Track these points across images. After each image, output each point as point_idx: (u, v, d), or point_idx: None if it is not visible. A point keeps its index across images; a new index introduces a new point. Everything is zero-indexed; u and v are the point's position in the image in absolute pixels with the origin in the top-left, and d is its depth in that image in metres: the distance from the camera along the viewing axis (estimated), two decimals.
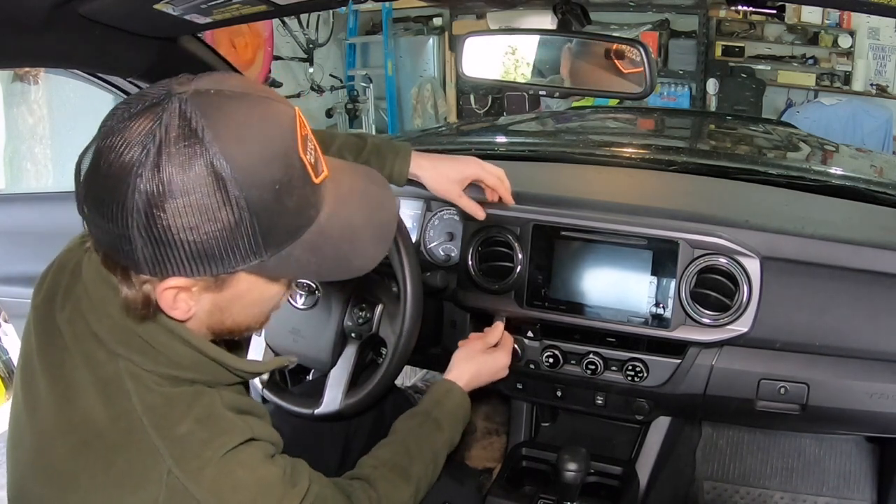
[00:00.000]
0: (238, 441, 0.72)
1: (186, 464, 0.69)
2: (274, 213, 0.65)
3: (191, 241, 0.63)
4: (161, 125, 0.61)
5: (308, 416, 1.19)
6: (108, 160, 0.62)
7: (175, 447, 0.69)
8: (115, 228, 0.63)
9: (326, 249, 0.71)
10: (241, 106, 0.65)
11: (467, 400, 1.14)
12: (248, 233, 0.64)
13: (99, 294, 0.71)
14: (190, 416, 0.70)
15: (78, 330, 0.73)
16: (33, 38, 0.93)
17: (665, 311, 1.19)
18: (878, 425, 1.26)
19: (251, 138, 0.64)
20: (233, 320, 0.74)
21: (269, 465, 0.74)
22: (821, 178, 1.55)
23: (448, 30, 5.79)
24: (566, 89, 1.29)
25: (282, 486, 0.75)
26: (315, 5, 1.81)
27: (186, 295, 0.68)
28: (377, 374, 1.17)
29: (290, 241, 0.68)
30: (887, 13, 0.95)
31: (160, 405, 0.70)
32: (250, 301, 0.72)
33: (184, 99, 0.63)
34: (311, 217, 0.69)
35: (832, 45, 5.08)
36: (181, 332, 0.71)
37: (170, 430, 0.69)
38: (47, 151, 3.32)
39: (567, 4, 1.16)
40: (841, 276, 1.17)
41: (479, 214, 1.23)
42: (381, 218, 0.78)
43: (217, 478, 0.70)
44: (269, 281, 0.72)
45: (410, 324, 1.14)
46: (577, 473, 1.15)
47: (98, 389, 0.71)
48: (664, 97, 5.24)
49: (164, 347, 0.71)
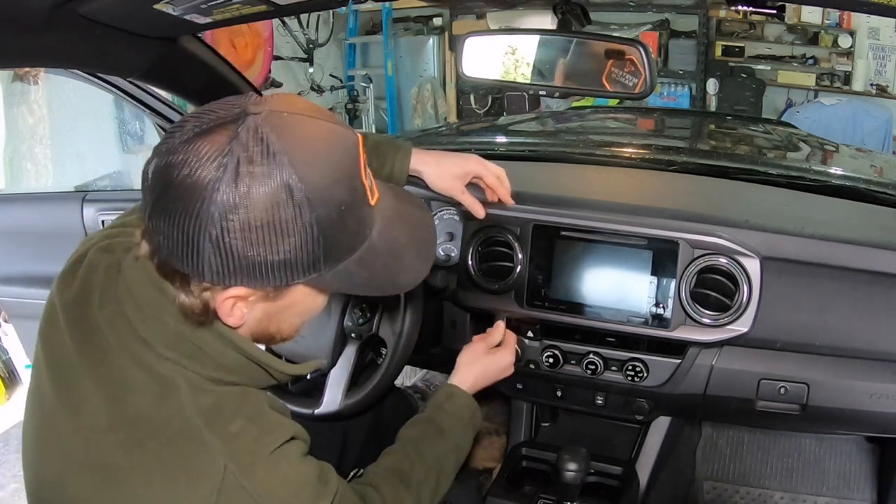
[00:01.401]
0: (284, 438, 0.76)
1: (241, 459, 0.72)
2: (337, 232, 0.69)
3: (259, 256, 0.66)
4: (238, 143, 0.64)
5: (308, 416, 1.20)
6: (183, 173, 0.64)
7: (230, 443, 0.72)
8: (185, 238, 0.66)
9: (377, 265, 0.75)
10: (313, 129, 0.69)
11: (473, 403, 1.14)
12: (313, 250, 0.68)
13: (150, 302, 0.73)
14: (241, 415, 0.74)
15: (121, 331, 0.74)
16: (33, 38, 0.93)
17: (665, 311, 1.20)
18: (878, 425, 1.26)
19: (323, 160, 0.68)
20: (277, 328, 0.78)
21: (308, 463, 0.79)
22: (821, 178, 1.55)
23: (448, 30, 5.79)
24: (566, 89, 1.29)
25: (318, 484, 0.79)
26: (315, 5, 1.81)
27: (243, 304, 0.72)
28: (377, 375, 1.17)
29: (346, 256, 0.72)
30: (887, 13, 0.94)
31: (212, 404, 0.73)
32: (298, 312, 0.77)
33: (259, 119, 0.66)
34: (365, 236, 0.74)
35: (832, 45, 5.07)
36: (234, 338, 0.74)
37: (223, 427, 0.73)
38: (47, 151, 3.32)
39: (567, 4, 1.16)
40: (841, 276, 1.17)
41: (479, 212, 1.23)
42: (422, 236, 0.84)
43: (267, 473, 0.73)
44: (319, 293, 0.76)
45: (410, 324, 1.14)
46: (577, 473, 1.15)
47: (150, 389, 0.73)
48: (664, 97, 5.24)
49: (216, 353, 0.74)
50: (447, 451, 1.06)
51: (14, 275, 1.78)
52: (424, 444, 1.05)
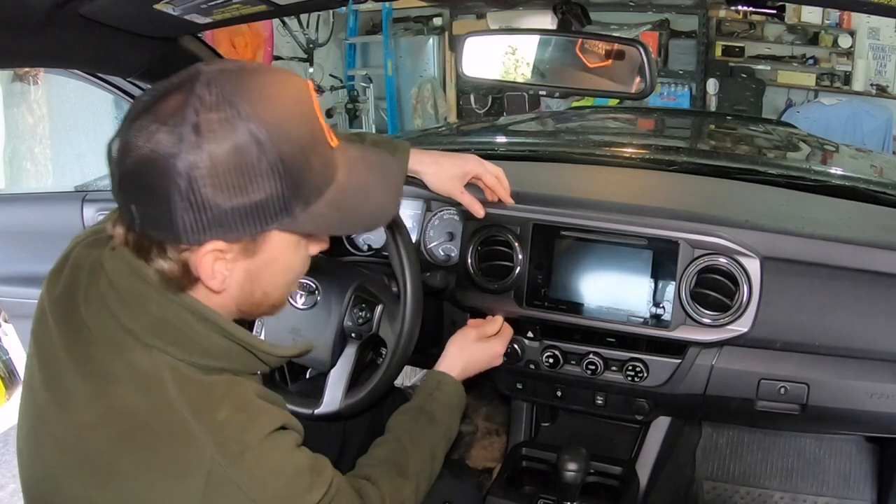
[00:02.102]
0: (274, 426, 0.75)
1: (227, 449, 0.71)
2: (303, 170, 0.70)
3: (230, 202, 0.67)
4: (194, 96, 0.66)
5: (308, 416, 1.19)
6: (144, 136, 0.66)
7: (216, 433, 0.71)
8: (154, 201, 0.66)
9: (347, 204, 0.75)
10: (265, 76, 0.71)
11: (461, 389, 1.15)
12: (281, 190, 0.69)
13: (130, 288, 0.73)
14: (227, 404, 0.73)
15: (106, 324, 0.74)
16: (33, 38, 0.93)
17: (665, 311, 1.19)
18: (878, 425, 1.26)
19: (277, 102, 0.70)
20: (263, 291, 0.77)
21: (301, 453, 0.78)
22: (821, 178, 1.55)
23: (448, 30, 5.79)
24: (566, 89, 1.29)
25: (311, 474, 0.78)
26: (315, 5, 1.81)
27: (223, 263, 0.71)
28: (377, 374, 1.17)
29: (315, 197, 0.72)
30: (887, 13, 0.95)
31: (198, 394, 0.73)
32: (280, 269, 0.76)
33: (211, 74, 0.67)
34: (331, 176, 0.75)
35: (832, 45, 5.08)
36: (218, 320, 0.74)
37: (209, 416, 0.72)
38: (47, 151, 3.32)
39: (567, 4, 1.16)
40: (841, 276, 1.17)
41: (479, 212, 1.23)
42: (387, 174, 0.84)
43: (257, 462, 0.72)
44: (296, 245, 0.76)
45: (410, 324, 1.14)
46: (577, 473, 1.15)
47: (136, 381, 0.72)
48: (664, 97, 5.24)
49: (200, 337, 0.73)
50: (439, 438, 1.08)
51: (14, 275, 1.78)
52: (418, 433, 1.05)
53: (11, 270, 1.79)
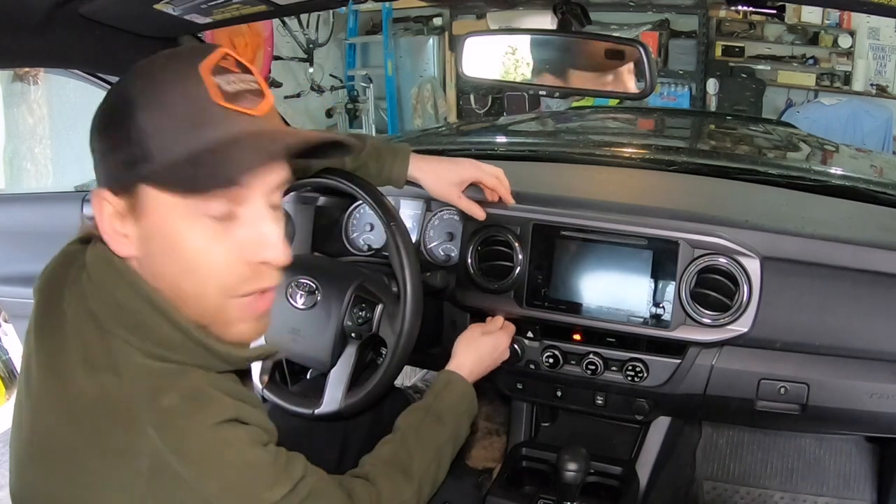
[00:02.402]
0: (223, 417, 0.71)
1: (169, 436, 0.69)
2: (161, 113, 0.69)
3: (105, 141, 0.71)
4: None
5: (308, 416, 1.19)
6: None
7: (158, 419, 0.69)
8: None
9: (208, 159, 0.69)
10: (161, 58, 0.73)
11: (471, 390, 1.14)
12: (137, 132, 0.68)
13: (100, 275, 0.74)
14: (174, 391, 0.70)
15: (79, 313, 0.74)
16: (33, 38, 0.93)
17: (665, 311, 1.19)
18: (878, 425, 1.26)
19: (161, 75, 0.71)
20: (170, 273, 0.72)
21: (257, 448, 0.74)
22: (821, 178, 1.55)
23: (448, 30, 5.79)
24: (566, 89, 1.29)
25: (272, 470, 0.74)
26: (315, 5, 1.81)
27: (118, 221, 0.71)
28: (377, 375, 1.17)
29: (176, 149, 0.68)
30: (887, 13, 0.95)
31: (148, 379, 0.70)
32: (170, 243, 0.71)
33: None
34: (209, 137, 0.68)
35: (832, 45, 5.08)
36: (169, 312, 0.72)
37: (154, 402, 0.69)
38: (47, 151, 3.32)
39: (567, 4, 1.16)
40: (841, 276, 1.17)
41: (479, 215, 1.24)
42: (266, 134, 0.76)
43: (201, 452, 0.70)
44: (189, 217, 0.70)
45: (410, 324, 1.14)
46: (577, 473, 1.15)
47: (87, 364, 0.72)
48: (664, 97, 5.24)
49: (154, 325, 0.72)
50: (446, 439, 1.05)
51: (14, 275, 1.78)
52: (424, 432, 1.03)
53: (11, 270, 1.79)
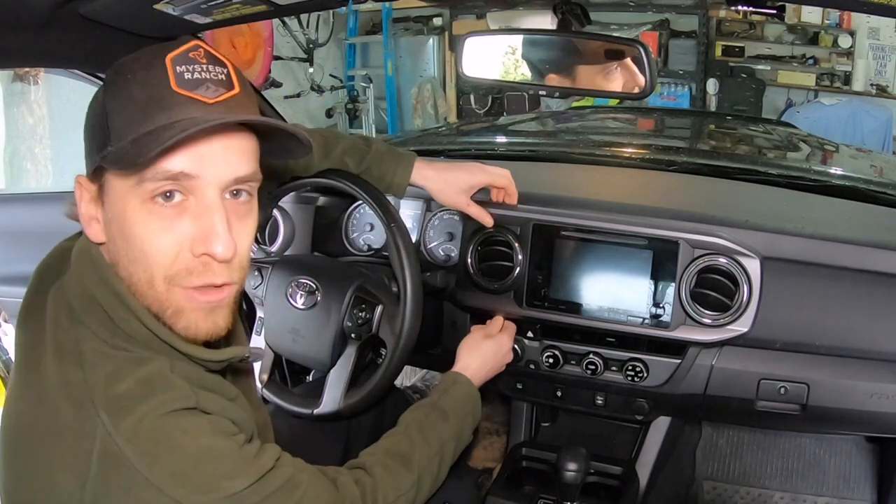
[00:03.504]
0: (179, 406, 0.70)
1: (120, 421, 0.68)
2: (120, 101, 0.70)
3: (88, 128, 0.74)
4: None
5: (307, 416, 1.20)
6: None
7: (111, 404, 0.68)
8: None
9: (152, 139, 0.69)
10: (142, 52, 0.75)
11: (475, 391, 1.14)
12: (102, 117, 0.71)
13: (78, 265, 0.76)
14: (133, 377, 0.70)
15: (57, 299, 0.76)
16: (33, 38, 0.93)
17: (665, 311, 1.19)
18: (878, 425, 1.26)
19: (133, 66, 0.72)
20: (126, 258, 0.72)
21: (218, 438, 0.72)
22: (821, 178, 1.55)
23: (448, 30, 5.79)
24: (566, 89, 1.30)
25: (234, 459, 0.72)
26: (315, 5, 1.81)
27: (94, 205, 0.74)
28: (377, 375, 1.17)
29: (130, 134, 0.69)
30: (887, 13, 0.95)
31: (107, 366, 0.70)
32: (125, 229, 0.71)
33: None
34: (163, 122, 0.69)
35: (832, 45, 5.08)
36: (138, 311, 0.72)
37: (109, 388, 0.69)
38: (47, 151, 3.33)
39: (567, 4, 1.16)
40: (841, 276, 1.17)
41: (488, 222, 1.23)
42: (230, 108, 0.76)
43: (151, 438, 0.68)
44: (125, 195, 0.70)
45: (410, 324, 1.14)
46: (577, 473, 1.15)
47: (54, 350, 0.72)
48: (664, 97, 5.24)
49: (121, 321, 0.73)
50: (450, 436, 1.05)
51: (14, 275, 1.78)
52: (428, 426, 1.03)
53: (11, 270, 1.79)
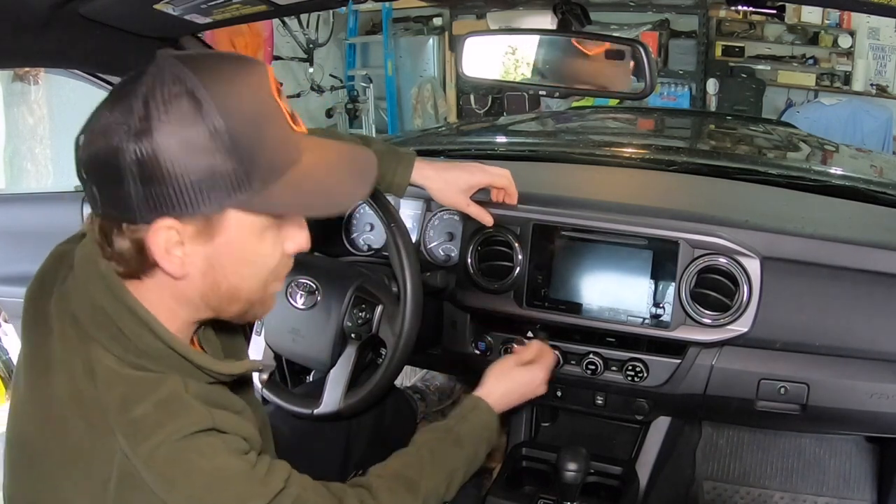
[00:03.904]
0: (196, 428, 0.70)
1: (138, 446, 0.68)
2: (255, 144, 0.68)
3: (178, 174, 0.66)
4: (145, 78, 0.67)
5: (307, 416, 1.19)
6: (101, 116, 0.67)
7: (128, 428, 0.68)
8: (109, 179, 0.66)
9: (309, 185, 0.73)
10: (220, 58, 0.71)
11: (495, 418, 1.11)
12: (232, 164, 0.67)
13: (83, 276, 0.73)
14: (149, 399, 0.69)
15: (62, 311, 0.74)
16: (33, 38, 0.93)
17: (665, 311, 1.19)
18: (878, 425, 1.26)
19: (227, 77, 0.69)
20: (228, 283, 0.73)
21: (233, 458, 0.72)
22: (821, 178, 1.55)
23: (448, 30, 5.79)
24: (566, 89, 1.30)
25: (245, 482, 0.72)
26: (315, 5, 1.82)
27: (179, 247, 0.69)
28: (377, 375, 1.17)
29: (275, 177, 0.70)
30: (887, 13, 0.95)
31: (121, 386, 0.70)
32: (242, 256, 0.73)
33: (166, 56, 0.69)
34: (292, 157, 0.72)
35: (832, 45, 5.08)
36: (151, 323, 0.71)
37: (126, 411, 0.69)
38: (47, 151, 3.33)
39: (567, 4, 1.16)
40: (841, 276, 1.17)
41: (488, 221, 1.22)
42: (358, 161, 0.81)
43: (169, 462, 0.68)
44: (259, 232, 0.72)
45: (410, 324, 1.14)
46: (577, 473, 1.15)
47: (66, 367, 0.71)
48: (664, 97, 5.23)
49: (133, 336, 0.71)
50: (461, 463, 1.03)
51: (14, 275, 1.78)
52: (440, 453, 1.01)
53: (11, 270, 1.79)
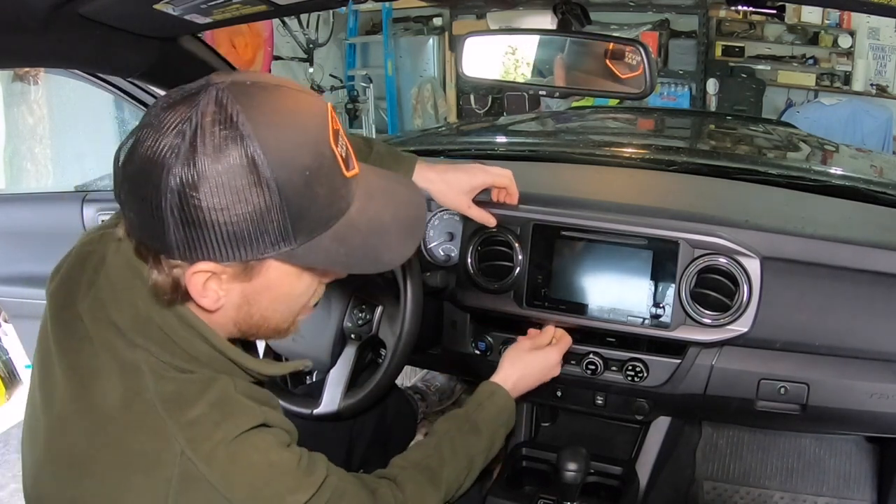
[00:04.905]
0: (251, 424, 0.72)
1: (199, 445, 0.69)
2: (304, 199, 0.66)
3: (221, 223, 0.64)
4: (197, 111, 0.64)
5: (307, 416, 1.19)
6: (146, 144, 0.64)
7: (188, 429, 0.69)
8: (149, 210, 0.65)
9: (355, 241, 0.72)
10: (275, 95, 0.67)
11: (511, 404, 1.12)
12: (278, 217, 0.65)
13: (123, 283, 0.72)
14: (203, 400, 0.71)
15: (98, 317, 0.73)
16: (33, 38, 0.93)
17: (665, 311, 1.19)
18: (878, 425, 1.26)
19: (283, 124, 0.66)
20: (261, 314, 0.74)
21: (283, 452, 0.74)
22: (821, 178, 1.55)
23: (448, 30, 5.79)
24: (566, 89, 1.29)
25: (296, 474, 0.74)
26: (315, 5, 1.82)
27: (216, 283, 0.69)
28: (377, 375, 1.17)
29: (320, 230, 0.69)
30: (887, 13, 0.95)
31: (174, 390, 0.71)
32: (279, 295, 0.73)
33: (221, 88, 0.65)
34: (341, 209, 0.71)
35: (832, 45, 5.08)
36: (201, 329, 0.72)
37: (183, 413, 0.70)
38: (47, 151, 3.32)
39: (567, 4, 1.16)
40: (841, 276, 1.17)
41: (490, 222, 1.22)
42: (408, 214, 0.79)
43: (229, 460, 0.70)
44: (298, 274, 0.72)
45: (410, 324, 1.14)
46: (577, 473, 1.15)
47: (115, 375, 0.71)
48: (664, 97, 5.23)
49: (183, 342, 0.71)
50: (480, 450, 1.04)
51: (14, 275, 1.79)
52: (459, 442, 1.02)
53: (11, 270, 1.79)
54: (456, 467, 0.99)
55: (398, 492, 0.91)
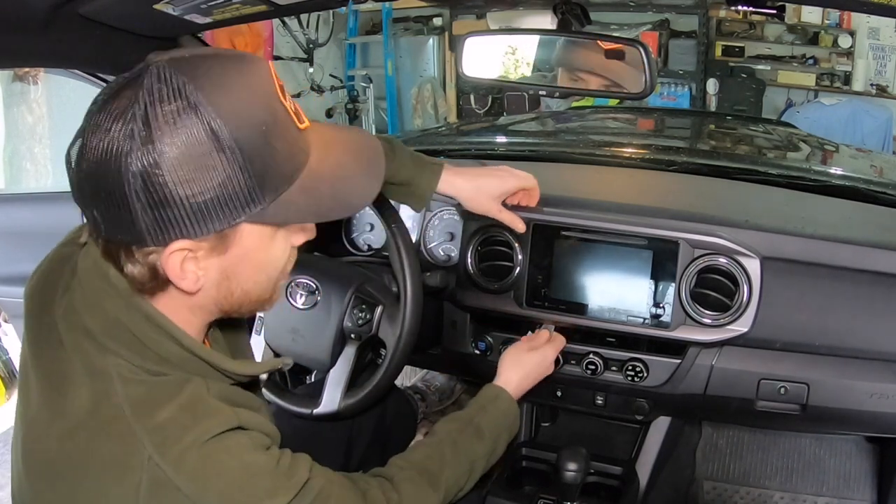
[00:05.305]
0: (223, 427, 0.70)
1: (167, 450, 0.68)
2: (266, 156, 0.67)
3: (189, 196, 0.64)
4: (143, 91, 0.63)
5: (306, 416, 1.19)
6: (97, 138, 0.64)
7: (155, 434, 0.68)
8: (113, 201, 0.64)
9: (322, 189, 0.72)
10: (217, 61, 0.67)
11: (515, 407, 1.12)
12: (244, 178, 0.66)
13: (92, 287, 0.72)
14: (173, 403, 0.69)
15: (71, 322, 0.73)
16: (33, 38, 0.93)
17: (665, 311, 1.19)
18: (878, 425, 1.26)
19: (232, 86, 0.66)
20: (241, 289, 0.74)
21: (259, 454, 0.72)
22: (821, 178, 1.55)
23: (448, 30, 5.79)
24: (566, 89, 1.30)
25: (274, 476, 0.73)
26: (315, 5, 1.82)
27: (193, 263, 0.68)
28: (376, 375, 1.17)
29: (286, 185, 0.69)
30: (887, 13, 0.95)
31: (143, 393, 0.69)
32: (256, 263, 0.73)
33: (160, 65, 0.64)
34: (301, 161, 0.71)
35: (832, 45, 5.07)
36: (170, 329, 0.71)
37: (151, 417, 0.68)
38: (47, 151, 3.32)
39: (567, 4, 1.16)
40: (841, 277, 1.17)
41: (520, 227, 1.21)
42: (368, 156, 0.80)
43: (200, 464, 0.68)
44: (272, 235, 0.72)
45: (410, 324, 1.14)
46: (577, 473, 1.15)
47: (85, 380, 0.71)
48: (664, 97, 5.23)
49: (153, 343, 0.71)
50: (482, 454, 1.03)
51: (14, 275, 1.78)
52: (461, 445, 1.01)
53: (11, 270, 1.79)
54: (457, 470, 0.98)
55: (393, 492, 0.89)
